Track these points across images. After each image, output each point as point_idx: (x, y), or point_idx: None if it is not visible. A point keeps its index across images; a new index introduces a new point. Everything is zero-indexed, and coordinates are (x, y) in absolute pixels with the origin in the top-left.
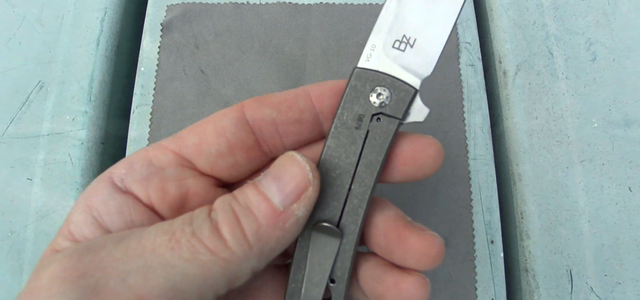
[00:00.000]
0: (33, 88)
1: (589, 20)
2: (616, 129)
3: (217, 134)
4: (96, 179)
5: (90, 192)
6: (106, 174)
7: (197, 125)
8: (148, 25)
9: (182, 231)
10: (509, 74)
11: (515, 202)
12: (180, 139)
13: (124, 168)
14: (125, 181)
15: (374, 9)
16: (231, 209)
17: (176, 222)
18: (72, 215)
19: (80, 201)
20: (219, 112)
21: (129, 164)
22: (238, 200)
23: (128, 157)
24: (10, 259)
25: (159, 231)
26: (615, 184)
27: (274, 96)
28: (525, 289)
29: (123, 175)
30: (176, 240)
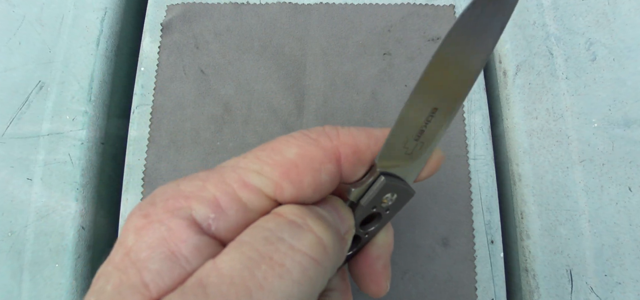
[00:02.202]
0: (33, 88)
1: (589, 20)
2: (616, 129)
3: (315, 189)
4: (169, 210)
5: (171, 232)
6: (184, 207)
7: (292, 169)
8: (148, 25)
9: (278, 251)
10: (509, 74)
11: (515, 202)
12: (274, 183)
13: (210, 209)
14: (214, 227)
15: (374, 9)
16: (314, 211)
17: (256, 244)
18: (147, 262)
19: (156, 240)
20: (310, 150)
21: (215, 202)
22: (314, 213)
23: (206, 185)
24: (10, 259)
25: (250, 261)
26: (615, 184)
27: (368, 148)
28: (525, 289)
29: (211, 219)
30: (280, 265)
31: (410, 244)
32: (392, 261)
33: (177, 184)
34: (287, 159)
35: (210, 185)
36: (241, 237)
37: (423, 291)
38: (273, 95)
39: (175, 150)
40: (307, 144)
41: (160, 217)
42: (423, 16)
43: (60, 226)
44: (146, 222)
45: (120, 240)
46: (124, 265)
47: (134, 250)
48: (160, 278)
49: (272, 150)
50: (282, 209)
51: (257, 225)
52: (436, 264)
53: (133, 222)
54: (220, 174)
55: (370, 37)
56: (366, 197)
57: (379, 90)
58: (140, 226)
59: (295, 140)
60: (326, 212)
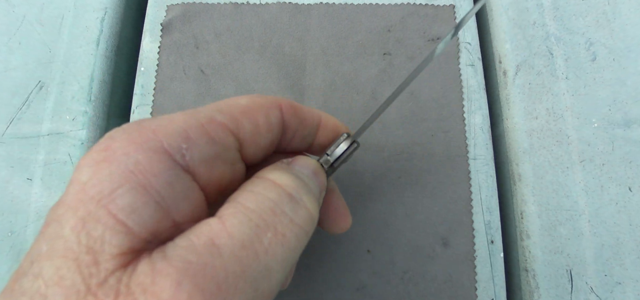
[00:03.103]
0: (33, 88)
1: (589, 20)
2: (616, 129)
3: (268, 129)
4: (134, 142)
5: (140, 166)
6: (152, 139)
7: (247, 110)
8: (148, 25)
9: (281, 223)
10: (509, 74)
11: (515, 202)
12: (234, 119)
13: (181, 139)
14: (187, 158)
15: (374, 9)
16: (306, 186)
17: (263, 213)
18: (114, 197)
19: (120, 174)
20: (258, 99)
21: (185, 134)
22: (304, 179)
23: (173, 119)
24: (10, 259)
25: (258, 228)
26: (615, 184)
27: (301, 111)
28: (525, 289)
29: (184, 149)
30: (282, 235)
31: (410, 244)
32: (392, 261)
33: (137, 122)
34: (242, 104)
35: (178, 120)
36: (245, 202)
37: (423, 291)
38: (273, 95)
39: None
40: (256, 97)
41: (125, 148)
42: (423, 16)
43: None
44: (106, 154)
45: (70, 180)
46: (83, 203)
47: (91, 184)
48: (138, 215)
49: (226, 102)
50: (279, 179)
51: (260, 193)
52: (436, 264)
53: (89, 157)
54: (183, 113)
55: (370, 37)
56: (340, 159)
57: (379, 90)
58: (99, 159)
59: (243, 96)
60: (310, 180)
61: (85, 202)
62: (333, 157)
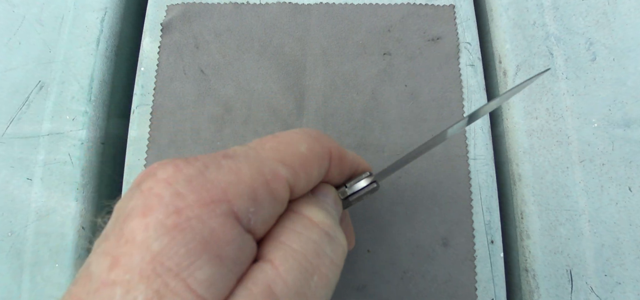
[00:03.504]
0: (33, 88)
1: (589, 20)
2: (616, 129)
3: (316, 181)
4: (205, 203)
5: (215, 235)
6: (223, 201)
7: (306, 163)
8: (148, 25)
9: (324, 265)
10: (509, 74)
11: (515, 202)
12: (294, 173)
13: (250, 202)
14: (252, 222)
15: (374, 9)
16: (336, 220)
17: (309, 256)
18: (194, 271)
19: (197, 244)
20: (316, 147)
21: (253, 195)
22: (332, 212)
23: (240, 174)
24: (10, 259)
25: (307, 272)
26: (615, 184)
27: (345, 160)
28: (525, 289)
29: (251, 213)
30: (325, 276)
31: (410, 244)
32: (392, 261)
33: (200, 170)
34: (302, 153)
35: (246, 176)
36: (292, 244)
37: (423, 291)
38: (273, 95)
39: (175, 150)
40: (313, 141)
41: (197, 213)
42: (423, 16)
43: (60, 226)
44: (179, 220)
45: (132, 240)
46: (157, 274)
47: (167, 255)
48: (216, 288)
49: (287, 144)
50: (315, 217)
51: (303, 234)
52: (436, 264)
53: (156, 218)
54: (248, 163)
55: (370, 37)
56: (356, 195)
57: (379, 90)
58: (171, 225)
59: (301, 137)
60: (333, 210)
61: (162, 274)
62: (351, 190)
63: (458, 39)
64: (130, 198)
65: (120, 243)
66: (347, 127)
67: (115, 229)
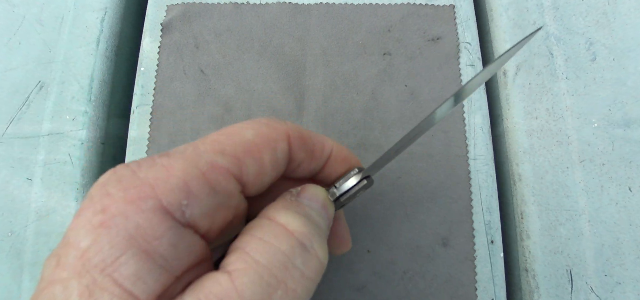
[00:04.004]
0: (33, 88)
1: (589, 20)
2: (616, 129)
3: (273, 166)
4: (132, 200)
5: (141, 230)
6: (150, 197)
7: (252, 148)
8: (148, 25)
9: (293, 278)
10: (509, 74)
11: (515, 202)
12: (238, 161)
13: (182, 195)
14: (188, 215)
15: (374, 9)
16: (317, 227)
17: (274, 269)
18: (118, 266)
19: (122, 240)
20: (265, 130)
21: (186, 188)
22: (315, 217)
23: (171, 169)
24: (10, 259)
25: (269, 286)
26: (615, 184)
27: (310, 141)
28: (525, 289)
29: (184, 206)
30: (293, 291)
31: (410, 244)
32: (392, 261)
33: (132, 170)
34: (246, 140)
35: (176, 170)
36: (256, 256)
37: (423, 291)
38: (273, 95)
39: None
40: (261, 126)
41: (122, 209)
42: (423, 16)
43: (60, 226)
44: (104, 217)
45: (68, 241)
46: (86, 270)
47: (93, 251)
48: (143, 282)
49: (229, 134)
50: (290, 225)
51: (270, 244)
52: (436, 264)
53: (85, 218)
54: (182, 157)
55: (370, 37)
56: (348, 194)
57: (379, 90)
58: (97, 223)
59: (249, 124)
60: (319, 215)
61: (90, 270)
62: (340, 191)
63: (458, 39)
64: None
65: (62, 244)
66: (347, 127)
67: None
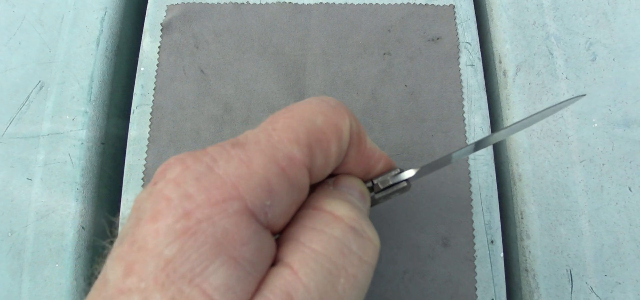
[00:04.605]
0: (33, 88)
1: (589, 20)
2: (616, 129)
3: (337, 158)
4: (216, 202)
5: (229, 236)
6: (235, 198)
7: (322, 137)
8: (148, 25)
9: (352, 264)
10: (509, 74)
11: (515, 202)
12: (311, 151)
13: (265, 194)
14: (270, 214)
15: (374, 9)
16: (363, 213)
17: (332, 256)
18: (209, 277)
19: (210, 248)
20: (333, 117)
21: (268, 186)
22: (359, 205)
23: (252, 165)
24: (10, 259)
25: (331, 275)
26: (615, 184)
27: (367, 140)
28: (525, 289)
29: (267, 207)
30: (354, 277)
31: (410, 244)
32: (392, 261)
33: (208, 165)
34: (318, 127)
35: (257, 166)
36: (313, 245)
37: (423, 291)
38: (273, 95)
39: (175, 150)
40: (331, 111)
41: (208, 214)
42: (423, 16)
43: (60, 226)
44: (189, 223)
45: (143, 247)
46: (171, 282)
47: (179, 261)
48: (233, 293)
49: (301, 118)
50: (338, 211)
51: (325, 232)
52: (436, 264)
53: (165, 224)
54: (259, 150)
55: (370, 37)
56: (384, 193)
57: (379, 90)
58: (181, 230)
59: (317, 107)
60: (361, 203)
61: (175, 281)
62: (384, 184)
63: (458, 39)
64: (145, 198)
65: (133, 249)
66: None
67: (129, 233)
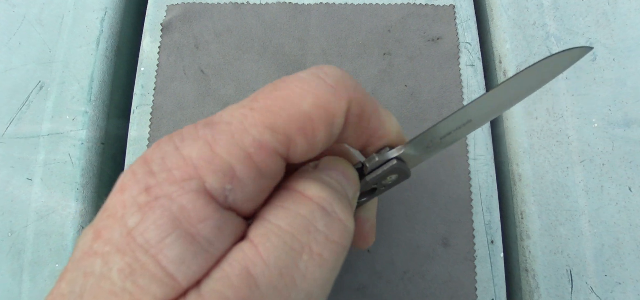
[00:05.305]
0: (33, 88)
1: (589, 20)
2: (616, 129)
3: (323, 145)
4: (176, 180)
5: (185, 212)
6: (194, 178)
7: (307, 124)
8: (148, 25)
9: (317, 242)
10: (509, 74)
11: (515, 202)
12: (288, 139)
13: (226, 179)
14: (231, 199)
15: (374, 9)
16: (338, 193)
17: (296, 233)
18: (163, 248)
19: (167, 221)
20: (325, 100)
21: (230, 172)
22: (335, 185)
23: (216, 146)
24: (10, 259)
25: (293, 251)
26: (615, 184)
27: (369, 118)
28: (525, 289)
29: (228, 191)
30: (319, 255)
31: (410, 244)
32: (392, 261)
33: (175, 145)
34: (303, 112)
35: (221, 149)
36: (277, 221)
37: (423, 291)
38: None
39: None
40: (325, 92)
41: (166, 190)
42: (423, 16)
43: (60, 226)
44: (149, 198)
45: (112, 214)
46: (130, 249)
47: (138, 231)
48: (186, 266)
49: (284, 100)
50: (308, 191)
51: (290, 210)
52: (436, 264)
53: (130, 195)
54: (228, 132)
55: (370, 37)
56: (373, 175)
57: (379, 90)
58: (142, 202)
59: (309, 86)
60: (341, 184)
61: (134, 248)
62: (369, 165)
63: (458, 39)
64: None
65: (103, 216)
66: None
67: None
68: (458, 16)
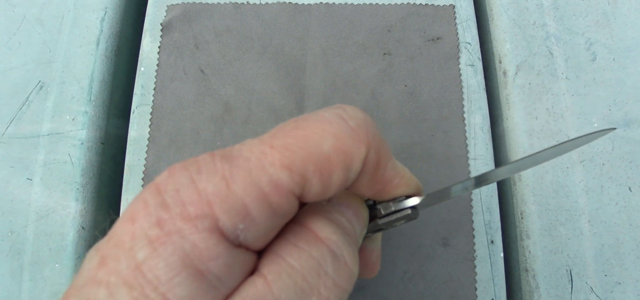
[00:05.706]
0: (33, 88)
1: (589, 20)
2: (616, 129)
3: (338, 188)
4: (189, 217)
5: (197, 250)
6: (207, 216)
7: (324, 167)
8: (148, 25)
9: (325, 286)
10: (509, 74)
11: (515, 202)
12: (304, 180)
13: (239, 218)
14: (243, 238)
15: (374, 9)
16: (348, 237)
17: (307, 275)
18: (172, 286)
19: (178, 259)
20: (344, 142)
21: (244, 211)
22: (346, 225)
23: (231, 184)
24: (10, 259)
25: (303, 292)
26: (615, 184)
27: (385, 168)
28: (525, 289)
29: (240, 230)
30: (326, 298)
31: (410, 244)
32: (392, 261)
33: (191, 178)
34: (322, 153)
35: (237, 186)
36: (290, 260)
37: (423, 291)
38: (273, 95)
39: (175, 150)
40: (346, 135)
41: (179, 227)
42: (423, 16)
43: (60, 226)
44: (161, 233)
45: (121, 245)
46: (139, 284)
47: (148, 267)
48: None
49: (305, 140)
50: (322, 232)
51: (304, 250)
52: (436, 264)
53: (141, 227)
54: (246, 168)
55: (370, 37)
56: (386, 219)
57: (379, 90)
58: (153, 236)
59: (331, 127)
60: (351, 224)
61: (142, 283)
62: (383, 210)
63: (458, 39)
64: (134, 198)
65: (109, 244)
66: None
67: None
68: (458, 16)
